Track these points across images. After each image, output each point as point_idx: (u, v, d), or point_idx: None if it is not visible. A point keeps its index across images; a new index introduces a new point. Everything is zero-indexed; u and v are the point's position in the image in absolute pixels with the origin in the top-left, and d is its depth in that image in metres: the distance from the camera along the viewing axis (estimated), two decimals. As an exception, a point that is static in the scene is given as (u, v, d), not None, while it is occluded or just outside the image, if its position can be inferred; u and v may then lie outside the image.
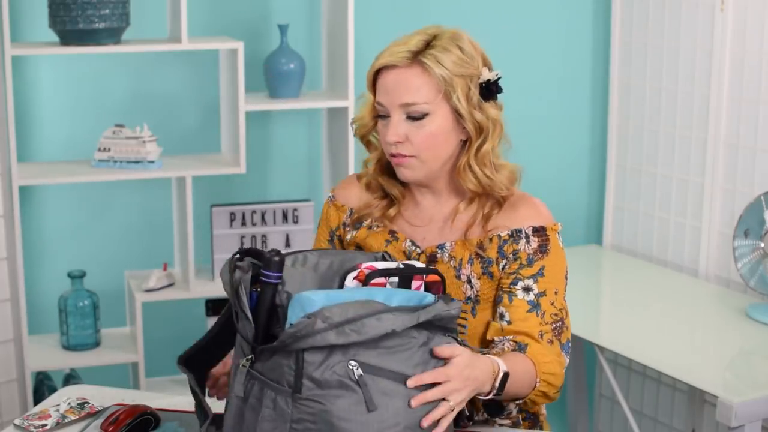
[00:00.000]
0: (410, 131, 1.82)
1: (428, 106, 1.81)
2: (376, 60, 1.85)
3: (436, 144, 1.83)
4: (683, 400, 3.27)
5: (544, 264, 1.86)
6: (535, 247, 1.86)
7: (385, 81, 1.83)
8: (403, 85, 1.81)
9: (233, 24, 3.35)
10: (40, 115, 3.27)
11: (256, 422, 1.55)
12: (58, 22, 2.93)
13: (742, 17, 3.09)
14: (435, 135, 1.82)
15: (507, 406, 1.93)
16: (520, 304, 1.85)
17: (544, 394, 1.82)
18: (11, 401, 3.07)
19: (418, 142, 1.82)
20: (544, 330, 1.84)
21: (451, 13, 3.52)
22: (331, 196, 2.04)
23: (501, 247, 1.87)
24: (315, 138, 3.51)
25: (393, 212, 1.95)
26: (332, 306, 1.51)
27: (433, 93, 1.81)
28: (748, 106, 3.10)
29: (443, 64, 1.80)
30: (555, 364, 1.82)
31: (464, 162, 1.86)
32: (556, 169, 3.73)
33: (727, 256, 3.14)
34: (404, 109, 1.82)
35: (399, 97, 1.81)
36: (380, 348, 1.52)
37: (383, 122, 1.86)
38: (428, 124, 1.82)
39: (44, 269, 3.32)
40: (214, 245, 3.23)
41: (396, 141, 1.82)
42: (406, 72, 1.81)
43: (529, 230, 1.87)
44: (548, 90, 3.70)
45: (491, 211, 1.88)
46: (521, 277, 1.86)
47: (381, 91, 1.84)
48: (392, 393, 1.53)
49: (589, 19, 3.69)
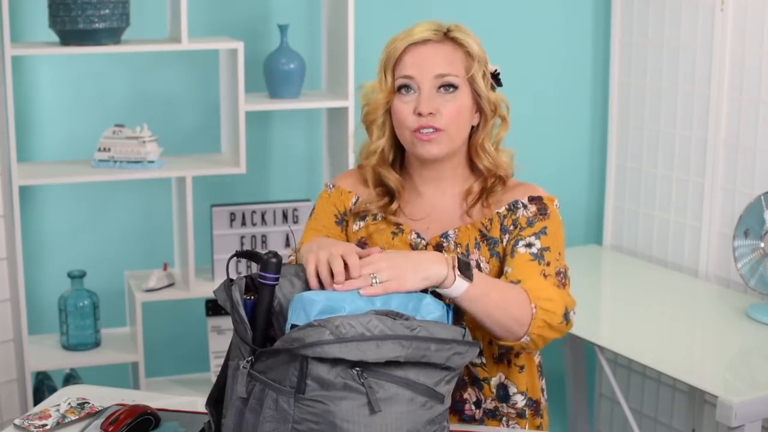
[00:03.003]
0: (441, 104, 1.87)
1: (459, 80, 1.89)
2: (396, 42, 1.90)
3: (461, 120, 1.90)
4: (683, 400, 3.27)
5: (545, 225, 1.90)
6: (533, 211, 1.91)
7: (416, 55, 1.88)
8: (439, 57, 1.88)
9: (233, 24, 3.35)
10: (40, 115, 3.27)
11: (257, 423, 1.55)
12: (58, 22, 2.93)
13: (742, 17, 3.09)
14: (461, 110, 1.89)
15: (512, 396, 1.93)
16: (523, 256, 1.86)
17: (547, 323, 1.78)
18: (11, 401, 3.07)
19: (449, 115, 1.87)
20: (547, 272, 1.84)
21: (451, 13, 3.51)
22: (331, 184, 2.04)
23: (501, 222, 1.91)
24: (315, 138, 3.51)
25: (393, 207, 1.96)
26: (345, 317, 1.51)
27: (462, 69, 1.89)
28: (748, 106, 3.10)
29: (471, 42, 1.91)
30: (549, 291, 1.80)
31: (480, 141, 1.94)
32: (556, 169, 3.73)
33: (727, 256, 3.14)
34: (438, 80, 1.87)
35: (433, 68, 1.87)
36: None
37: (406, 99, 1.89)
38: (457, 98, 1.88)
39: (44, 269, 3.32)
40: (214, 245, 3.23)
41: (429, 112, 1.85)
42: (438, 45, 1.90)
43: (525, 200, 1.92)
44: (548, 90, 3.70)
45: (494, 187, 1.94)
46: (522, 237, 1.88)
47: (410, 64, 1.88)
48: (396, 397, 1.53)
49: (589, 19, 3.69)
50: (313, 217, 2.03)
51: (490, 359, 1.91)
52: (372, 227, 1.96)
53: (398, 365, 1.53)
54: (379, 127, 1.94)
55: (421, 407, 1.55)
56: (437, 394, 1.58)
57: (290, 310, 1.57)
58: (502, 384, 1.93)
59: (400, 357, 1.51)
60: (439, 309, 1.66)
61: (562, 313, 1.80)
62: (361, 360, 1.49)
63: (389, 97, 1.90)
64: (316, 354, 1.48)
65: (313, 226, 2.01)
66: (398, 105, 1.89)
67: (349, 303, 1.58)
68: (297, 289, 1.67)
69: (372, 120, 1.94)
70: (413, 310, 1.62)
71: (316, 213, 2.03)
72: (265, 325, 1.61)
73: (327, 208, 2.02)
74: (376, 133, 1.95)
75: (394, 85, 1.90)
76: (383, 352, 1.50)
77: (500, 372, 1.93)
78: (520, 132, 3.61)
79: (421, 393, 1.55)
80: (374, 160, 1.96)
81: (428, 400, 1.56)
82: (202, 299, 3.30)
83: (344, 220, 2.00)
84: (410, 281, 1.64)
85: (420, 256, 1.70)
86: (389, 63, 1.90)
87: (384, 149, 1.95)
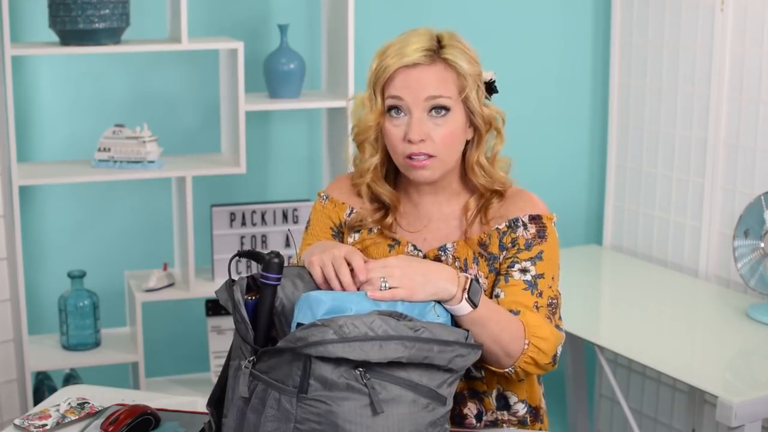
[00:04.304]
0: (432, 129, 1.83)
1: (451, 101, 1.83)
2: (386, 59, 1.83)
3: (454, 142, 1.85)
4: (683, 400, 3.27)
5: (542, 249, 1.88)
6: (533, 232, 1.88)
7: (406, 78, 1.82)
8: (429, 80, 1.82)
9: (233, 24, 3.35)
10: (40, 115, 3.27)
11: (259, 423, 1.55)
12: (58, 22, 2.93)
13: (742, 17, 3.09)
14: (453, 133, 1.84)
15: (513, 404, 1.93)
16: (517, 283, 1.85)
17: (534, 362, 1.79)
18: (11, 401, 3.07)
19: (440, 140, 1.83)
20: (540, 304, 1.84)
21: (451, 13, 3.52)
22: (324, 195, 2.02)
23: (501, 239, 1.89)
24: (315, 138, 3.51)
25: (389, 221, 1.94)
26: (349, 317, 1.51)
27: (454, 90, 1.84)
28: (748, 106, 3.10)
29: (462, 61, 1.84)
30: (546, 329, 1.80)
31: (475, 158, 1.90)
32: (556, 169, 3.73)
33: (727, 256, 3.14)
34: (428, 103, 1.82)
35: (424, 91, 1.82)
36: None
37: (396, 122, 1.84)
38: (449, 120, 1.84)
39: (44, 269, 3.32)
40: (214, 245, 3.23)
41: (420, 139, 1.82)
42: (429, 69, 1.83)
43: (526, 218, 1.89)
44: (548, 90, 3.70)
45: (490, 202, 1.91)
46: (518, 260, 1.86)
47: (400, 87, 1.83)
48: (399, 398, 1.53)
49: (589, 19, 3.69)
50: (309, 231, 2.01)
51: (487, 371, 1.88)
52: (368, 240, 1.94)
53: (401, 366, 1.53)
54: (371, 144, 1.91)
55: (423, 409, 1.55)
56: (440, 396, 1.58)
57: (296, 308, 1.58)
58: (501, 395, 1.93)
59: (402, 358, 1.51)
60: (444, 315, 1.67)
61: (552, 354, 1.81)
62: (364, 360, 1.49)
63: (380, 118, 1.86)
64: (320, 353, 1.47)
65: (309, 241, 1.99)
66: (389, 128, 1.85)
67: (355, 304, 1.58)
68: (299, 289, 1.67)
69: (364, 139, 1.91)
70: (419, 315, 1.63)
71: (312, 226, 2.01)
72: (266, 326, 1.61)
73: (322, 221, 2.00)
74: (368, 151, 1.92)
75: (384, 106, 1.85)
76: (386, 352, 1.50)
77: (498, 384, 1.92)
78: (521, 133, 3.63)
79: (423, 395, 1.55)
80: (368, 178, 1.94)
81: (431, 402, 1.56)
82: (202, 299, 3.30)
83: (340, 232, 1.99)
84: (420, 294, 1.64)
85: (434, 272, 1.68)
86: (378, 83, 1.85)
87: (377, 166, 1.92)
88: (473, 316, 1.70)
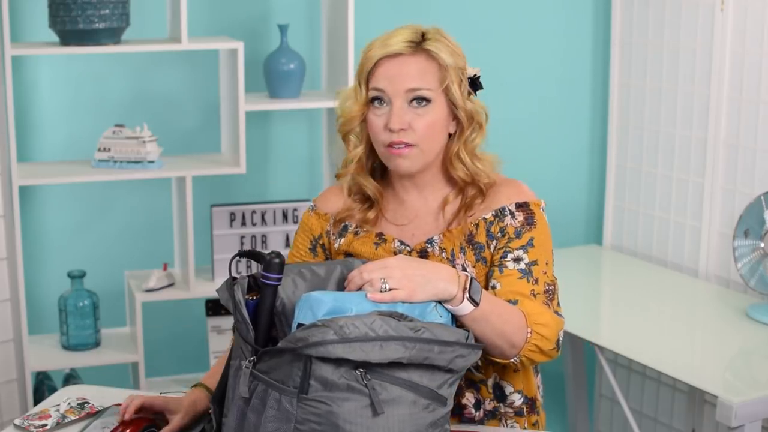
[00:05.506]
0: (413, 119, 1.84)
1: (432, 93, 1.85)
2: (371, 51, 1.86)
3: (435, 133, 1.86)
4: (683, 400, 3.27)
5: (532, 235, 1.88)
6: (521, 220, 1.88)
7: (388, 69, 1.84)
8: (409, 71, 1.84)
9: (233, 24, 3.35)
10: (40, 115, 3.27)
11: (259, 423, 1.55)
12: (58, 22, 2.93)
13: (742, 17, 3.09)
14: (434, 124, 1.85)
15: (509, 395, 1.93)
16: (512, 272, 1.85)
17: (539, 349, 1.80)
18: (11, 401, 3.07)
19: (421, 130, 1.84)
20: (536, 291, 1.84)
21: (451, 12, 3.52)
22: (312, 205, 2.04)
23: (488, 229, 1.89)
24: (315, 138, 3.51)
25: (372, 215, 1.95)
26: (349, 318, 1.51)
27: (436, 81, 1.85)
28: (748, 106, 3.10)
29: (444, 53, 1.85)
30: (546, 316, 1.81)
31: (455, 151, 1.90)
32: (556, 169, 3.73)
33: (727, 256, 3.14)
34: (409, 94, 1.84)
35: (404, 82, 1.83)
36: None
37: (379, 112, 1.86)
38: (430, 111, 1.85)
39: (44, 269, 3.32)
40: (214, 245, 3.23)
41: (400, 128, 1.83)
42: (410, 59, 1.85)
43: (512, 206, 1.90)
44: (548, 90, 3.70)
45: (473, 200, 1.91)
46: (510, 250, 1.87)
47: (381, 78, 1.85)
48: (399, 399, 1.53)
49: (589, 19, 3.69)
50: (293, 246, 2.04)
51: (483, 361, 1.89)
52: (354, 240, 1.95)
53: (402, 367, 1.53)
54: (356, 135, 1.92)
55: (423, 410, 1.55)
56: (440, 396, 1.58)
57: (297, 309, 1.58)
58: (497, 384, 1.93)
59: (403, 358, 1.51)
60: (445, 315, 1.67)
61: (555, 340, 1.82)
62: (364, 360, 1.49)
63: (364, 108, 1.88)
64: (320, 354, 1.48)
65: (293, 251, 2.03)
66: (372, 118, 1.87)
67: (356, 305, 1.58)
68: (300, 289, 1.67)
69: (348, 130, 1.92)
70: (419, 315, 1.63)
71: (296, 236, 2.04)
72: (267, 326, 1.61)
73: (304, 233, 2.02)
74: (353, 142, 1.94)
75: (368, 97, 1.87)
76: (387, 353, 1.50)
77: (494, 372, 1.93)
78: (521, 133, 3.63)
79: (424, 395, 1.55)
80: (352, 168, 1.95)
81: (431, 403, 1.56)
82: (202, 299, 3.30)
83: (320, 244, 2.00)
84: (420, 295, 1.65)
85: (434, 272, 1.69)
86: (363, 74, 1.87)
87: (361, 158, 1.94)
88: (475, 314, 1.70)
